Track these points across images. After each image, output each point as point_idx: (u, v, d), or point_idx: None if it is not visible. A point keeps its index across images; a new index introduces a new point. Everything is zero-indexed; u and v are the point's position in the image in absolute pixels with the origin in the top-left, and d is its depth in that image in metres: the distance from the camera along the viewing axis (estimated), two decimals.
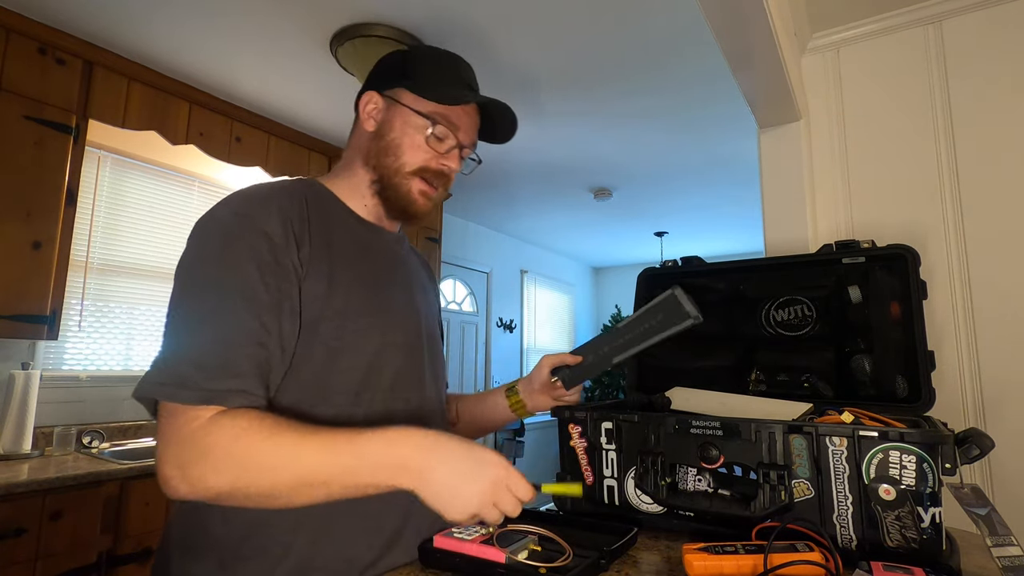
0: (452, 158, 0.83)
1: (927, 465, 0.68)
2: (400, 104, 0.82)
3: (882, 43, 1.57)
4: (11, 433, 1.90)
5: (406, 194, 0.82)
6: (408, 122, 0.81)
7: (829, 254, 1.14)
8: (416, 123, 0.81)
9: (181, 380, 0.61)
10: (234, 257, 0.67)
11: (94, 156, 2.34)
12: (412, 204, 0.83)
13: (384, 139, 0.82)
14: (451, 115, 0.82)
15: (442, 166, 0.82)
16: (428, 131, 0.81)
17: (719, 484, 0.81)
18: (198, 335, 0.64)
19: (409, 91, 0.82)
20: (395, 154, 0.81)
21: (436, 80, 0.82)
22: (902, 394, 1.00)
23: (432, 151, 0.82)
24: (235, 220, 0.69)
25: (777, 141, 1.62)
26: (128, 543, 1.79)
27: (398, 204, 0.83)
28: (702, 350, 1.24)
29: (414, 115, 0.81)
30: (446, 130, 0.82)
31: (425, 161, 0.81)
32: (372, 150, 0.83)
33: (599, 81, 2.37)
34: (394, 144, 0.81)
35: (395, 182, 0.82)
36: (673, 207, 4.21)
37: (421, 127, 0.81)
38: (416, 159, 0.81)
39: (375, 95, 0.84)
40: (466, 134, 0.84)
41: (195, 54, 2.17)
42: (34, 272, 1.89)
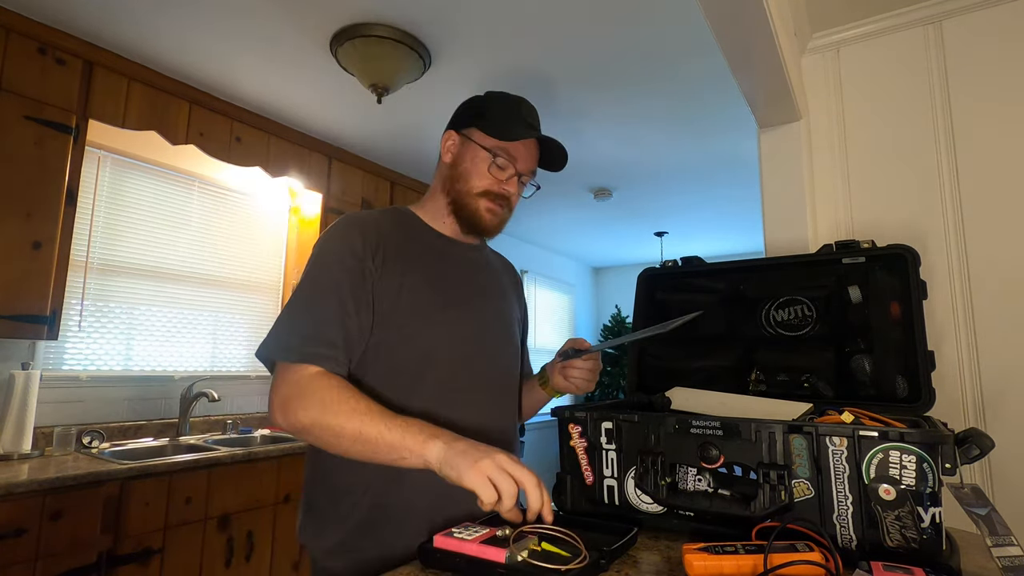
0: (511, 184, 1.02)
1: (927, 465, 0.68)
2: (471, 141, 1.02)
3: (882, 43, 1.57)
4: (11, 433, 1.90)
5: (475, 211, 1.02)
6: (476, 155, 1.01)
7: (829, 254, 1.14)
8: (482, 155, 1.01)
9: (290, 345, 0.87)
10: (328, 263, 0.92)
11: (94, 156, 2.34)
12: (480, 219, 1.02)
13: (457, 169, 1.02)
14: (511, 149, 1.00)
15: (503, 190, 1.01)
16: (490, 162, 1.00)
17: (719, 484, 0.81)
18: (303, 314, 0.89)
19: (479, 130, 1.02)
20: (465, 180, 1.01)
21: (501, 120, 1.01)
22: (902, 394, 1.00)
23: (494, 178, 1.01)
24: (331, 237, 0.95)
25: (777, 141, 1.62)
26: (128, 543, 1.79)
27: (469, 220, 1.02)
28: (702, 350, 1.24)
29: (481, 149, 1.01)
30: (506, 161, 1.00)
31: (489, 186, 1.01)
32: (449, 178, 1.03)
33: (599, 81, 2.37)
34: (465, 173, 1.01)
35: (465, 202, 1.01)
36: (673, 207, 4.21)
37: (485, 159, 1.00)
38: (481, 184, 1.01)
39: (453, 134, 1.04)
40: (524, 164, 1.02)
41: (195, 54, 2.17)
42: (34, 272, 1.89)
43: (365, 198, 3.21)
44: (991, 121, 1.41)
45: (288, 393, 0.83)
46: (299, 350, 0.85)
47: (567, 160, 1.07)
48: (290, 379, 0.84)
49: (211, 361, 2.77)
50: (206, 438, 2.48)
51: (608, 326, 5.99)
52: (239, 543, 2.08)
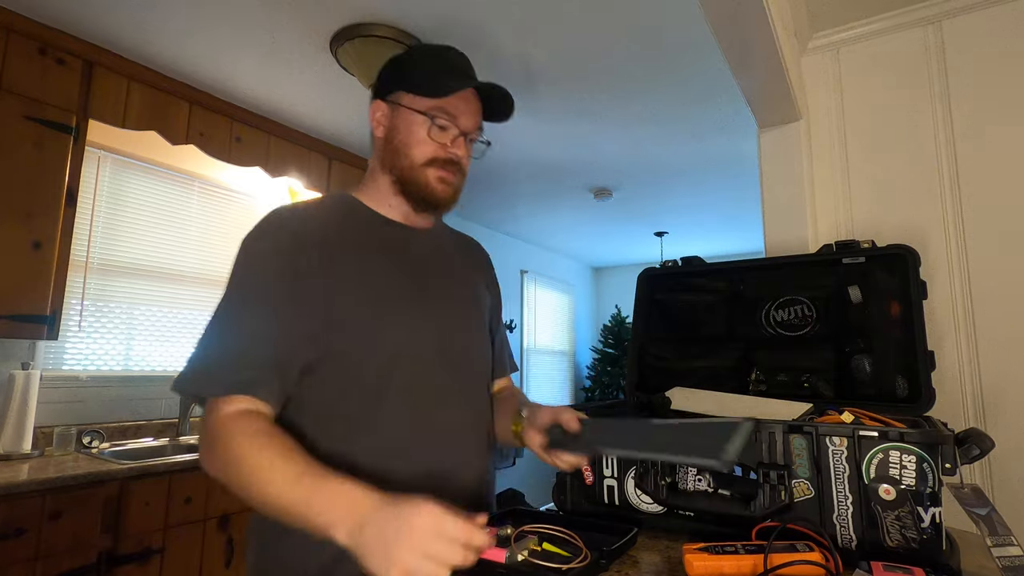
0: (458, 145, 0.89)
1: (927, 465, 0.67)
2: (401, 107, 0.88)
3: (882, 43, 1.57)
4: (11, 433, 1.90)
5: (424, 184, 0.88)
6: (411, 122, 0.87)
7: (829, 254, 1.14)
8: (417, 121, 0.87)
9: (207, 375, 0.73)
10: (252, 269, 0.78)
11: (94, 156, 2.34)
12: (432, 192, 0.88)
13: (393, 142, 0.89)
14: (447, 106, 0.87)
15: (450, 154, 0.88)
16: (428, 126, 0.86)
17: (719, 484, 0.81)
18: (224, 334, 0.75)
19: (407, 92, 0.88)
20: (405, 152, 0.87)
21: (429, 77, 0.87)
22: (902, 394, 1.00)
23: (437, 143, 0.87)
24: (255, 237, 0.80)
25: (777, 141, 1.62)
26: (128, 543, 1.79)
27: (420, 196, 0.88)
28: (702, 350, 1.24)
29: (414, 114, 0.87)
30: (446, 121, 0.87)
31: (433, 152, 0.87)
32: (386, 154, 0.90)
33: (599, 81, 2.37)
34: (403, 145, 0.88)
35: (411, 176, 0.88)
36: (673, 207, 4.21)
37: (422, 124, 0.87)
38: (424, 153, 0.87)
39: (380, 104, 0.91)
40: (467, 120, 0.89)
41: (195, 54, 2.17)
42: (34, 272, 1.89)
43: None
44: (991, 121, 1.41)
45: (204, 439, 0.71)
46: (221, 380, 0.72)
47: (513, 108, 0.92)
48: (207, 419, 0.71)
49: None
50: None
51: (608, 326, 5.98)
52: (239, 543, 2.08)
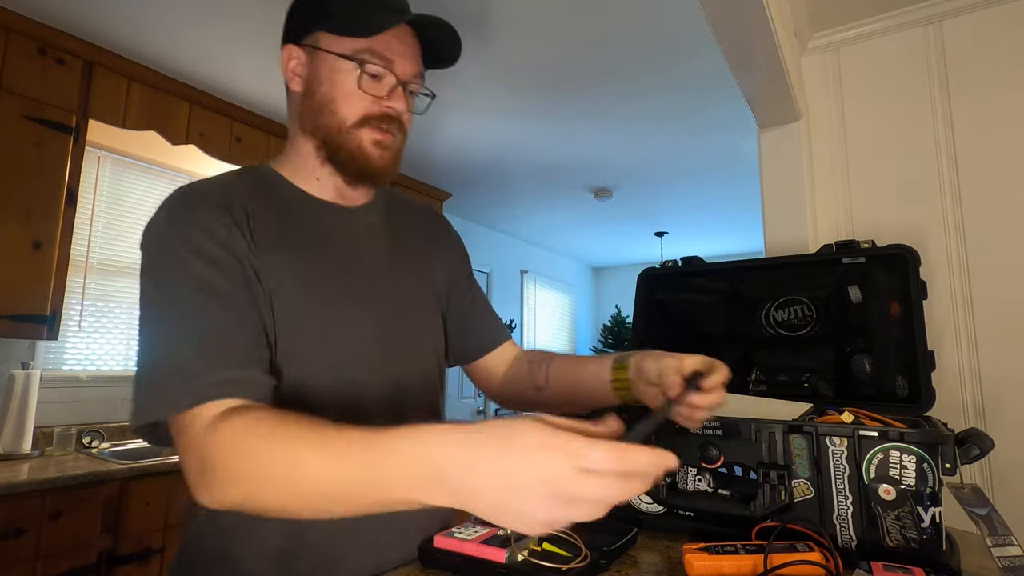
0: (396, 98, 0.71)
1: (927, 465, 0.67)
2: (321, 51, 0.70)
3: (882, 43, 1.57)
4: (11, 433, 1.90)
5: (357, 149, 0.70)
6: (335, 69, 0.69)
7: (829, 254, 1.14)
8: (343, 68, 0.69)
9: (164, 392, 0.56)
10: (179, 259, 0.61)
11: (94, 156, 2.34)
12: (368, 160, 0.71)
13: (314, 97, 0.71)
14: (380, 48, 0.69)
15: (387, 109, 0.71)
16: (357, 74, 0.69)
17: (719, 484, 0.81)
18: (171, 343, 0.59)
19: (327, 32, 0.70)
20: (331, 109, 0.70)
21: (355, 11, 0.69)
22: (902, 394, 1.00)
23: (370, 95, 0.70)
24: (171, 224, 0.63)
25: (777, 141, 1.62)
26: (128, 543, 1.79)
27: (352, 165, 0.72)
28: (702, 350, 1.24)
29: (338, 60, 0.69)
30: (379, 68, 0.69)
31: (366, 109, 0.70)
32: (306, 112, 0.72)
33: (599, 81, 2.37)
34: (327, 99, 0.70)
35: (340, 141, 0.70)
36: (673, 207, 4.21)
37: (350, 71, 0.69)
38: (355, 109, 0.70)
39: (293, 48, 0.72)
40: (404, 65, 0.71)
41: (195, 54, 2.17)
42: (34, 272, 1.89)
43: None
44: (991, 121, 1.41)
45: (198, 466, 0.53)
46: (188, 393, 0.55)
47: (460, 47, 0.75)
48: (189, 443, 0.54)
49: None
50: None
51: (608, 326, 5.99)
52: None
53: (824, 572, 0.62)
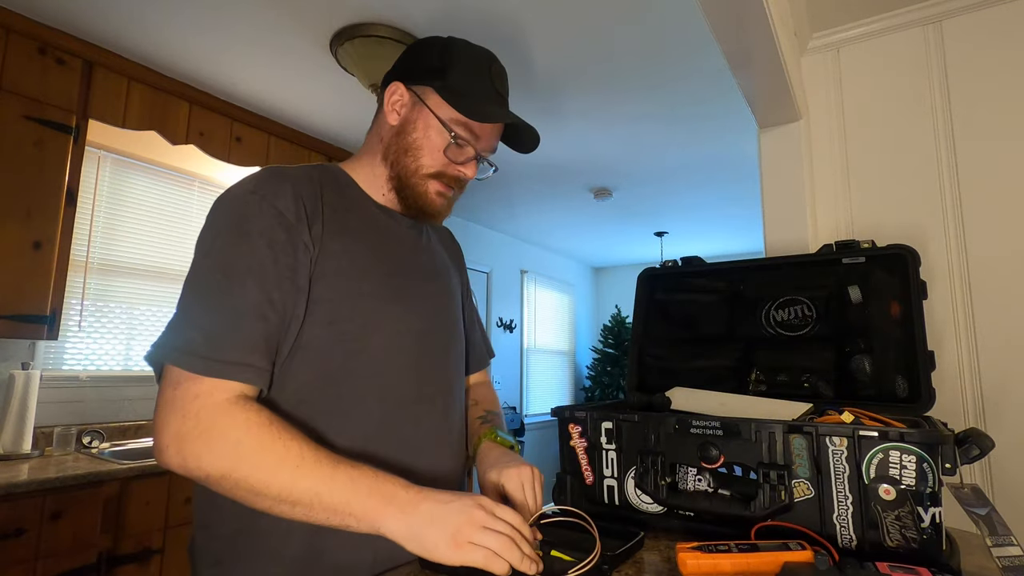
0: (470, 167, 0.83)
1: (927, 465, 0.67)
2: (425, 106, 0.80)
3: (882, 43, 1.57)
4: (11, 433, 1.90)
5: (423, 195, 0.81)
6: (431, 126, 0.80)
7: (829, 254, 1.14)
8: (438, 130, 0.79)
9: (190, 347, 0.62)
10: (246, 233, 0.67)
11: (94, 156, 2.34)
12: (429, 204, 0.82)
13: (406, 138, 0.81)
14: (474, 126, 0.80)
15: (459, 173, 0.82)
16: (448, 142, 0.80)
17: (719, 484, 0.81)
18: (209, 307, 0.65)
19: (437, 93, 0.79)
20: (414, 155, 0.80)
21: (467, 88, 0.79)
22: (902, 394, 1.00)
23: (450, 160, 0.81)
24: (250, 198, 0.69)
25: (777, 141, 1.61)
26: (128, 543, 1.79)
27: (415, 203, 0.82)
28: (702, 350, 1.24)
29: (437, 122, 0.79)
30: (467, 140, 0.81)
31: (443, 167, 0.81)
32: (392, 146, 0.82)
33: (599, 81, 2.37)
34: (414, 146, 0.80)
35: (412, 182, 0.81)
36: (673, 207, 4.21)
37: (443, 136, 0.79)
38: (435, 164, 0.80)
39: (402, 88, 0.81)
40: (487, 143, 0.83)
41: (195, 54, 2.17)
42: (34, 272, 1.89)
43: None
44: (991, 121, 1.41)
45: (185, 429, 0.60)
46: (207, 358, 0.61)
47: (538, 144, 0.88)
48: (189, 406, 0.60)
49: None
50: None
51: (608, 326, 5.99)
52: None
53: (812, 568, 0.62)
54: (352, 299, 0.72)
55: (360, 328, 0.72)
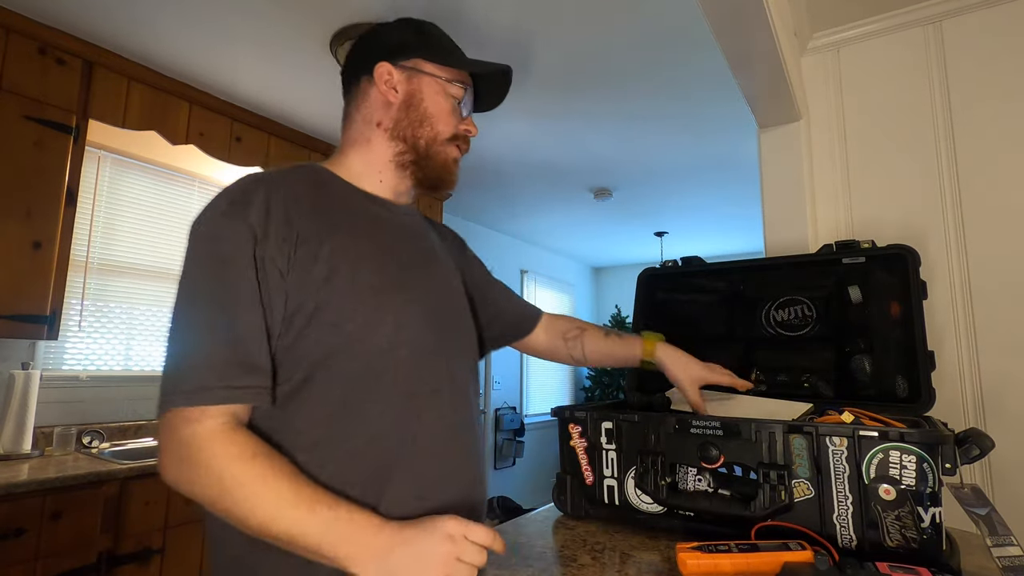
0: (471, 122, 0.87)
1: (927, 465, 0.67)
2: (423, 73, 0.82)
3: (882, 43, 1.57)
4: (11, 433, 1.90)
5: (443, 163, 0.83)
6: (437, 92, 0.82)
7: (829, 254, 1.14)
8: (447, 91, 0.83)
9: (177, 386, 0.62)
10: (220, 259, 0.66)
11: (94, 156, 2.34)
12: (449, 172, 0.84)
13: (416, 109, 0.81)
14: (467, 81, 0.86)
15: (466, 130, 0.85)
16: (455, 101, 0.83)
17: (719, 484, 0.81)
18: (191, 336, 0.65)
19: (429, 61, 0.83)
20: (431, 124, 0.82)
21: (448, 48, 0.84)
22: (902, 394, 1.00)
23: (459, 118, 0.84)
24: (221, 220, 0.68)
25: (777, 141, 1.62)
26: (128, 543, 1.79)
27: (434, 173, 0.83)
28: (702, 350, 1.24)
29: (440, 83, 0.83)
30: (469, 98, 0.86)
31: (455, 128, 0.84)
32: (402, 121, 0.81)
33: (599, 81, 2.37)
34: (428, 113, 0.82)
35: (434, 151, 0.82)
36: (673, 207, 4.21)
37: (450, 96, 0.83)
38: (450, 127, 0.83)
39: (388, 67, 0.82)
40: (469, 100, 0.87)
41: (195, 54, 2.17)
42: (34, 272, 1.89)
43: None
44: (991, 121, 1.41)
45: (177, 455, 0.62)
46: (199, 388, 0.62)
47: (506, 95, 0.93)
48: (180, 433, 0.61)
49: None
50: None
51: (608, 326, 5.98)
52: None
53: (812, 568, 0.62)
54: (351, 297, 0.70)
55: (362, 326, 0.70)
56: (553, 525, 0.93)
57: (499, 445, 4.78)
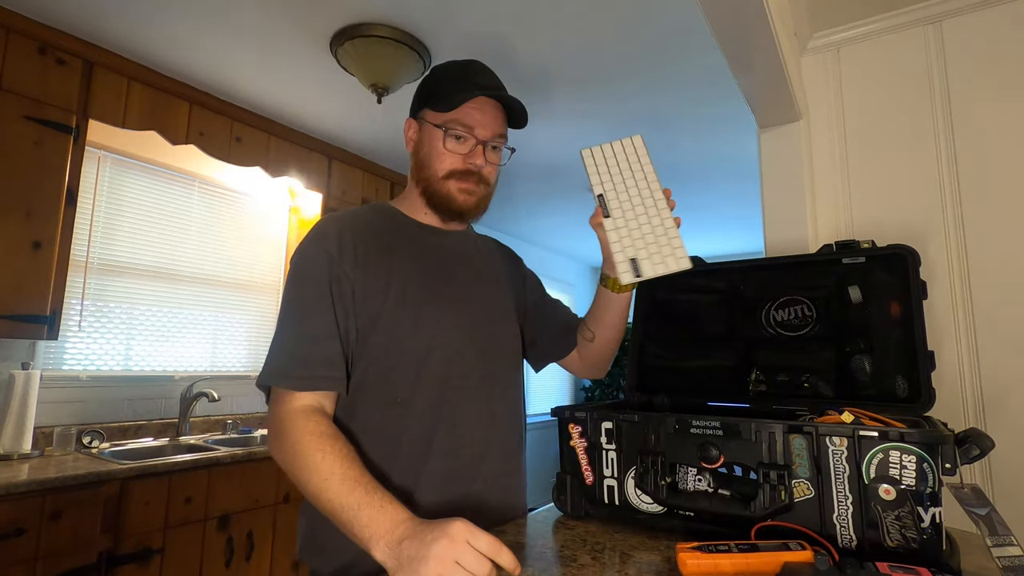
0: (475, 155, 0.93)
1: (927, 465, 0.67)
2: (425, 123, 0.96)
3: (882, 43, 1.57)
4: (11, 433, 1.90)
5: (446, 195, 0.94)
6: (431, 137, 0.94)
7: (829, 254, 1.14)
8: (436, 135, 0.93)
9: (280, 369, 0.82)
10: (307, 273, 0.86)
11: (94, 156, 2.34)
12: (454, 202, 0.95)
13: (419, 155, 0.97)
14: (463, 118, 0.92)
15: (468, 165, 0.93)
16: (442, 138, 0.93)
17: (719, 484, 0.81)
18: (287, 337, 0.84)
19: (430, 109, 0.95)
20: (428, 166, 0.95)
21: (448, 91, 0.93)
22: (902, 394, 1.00)
23: (456, 154, 0.93)
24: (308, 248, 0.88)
25: (777, 141, 1.61)
26: (128, 543, 1.79)
27: (444, 206, 0.95)
28: (702, 350, 1.24)
29: (433, 128, 0.94)
30: (462, 132, 0.92)
31: (451, 165, 0.93)
32: (414, 168, 0.98)
33: (599, 81, 2.37)
34: (426, 158, 0.95)
35: (434, 188, 0.95)
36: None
37: (439, 137, 0.93)
38: (443, 165, 0.93)
39: (411, 122, 0.99)
40: (484, 129, 0.93)
41: (195, 54, 2.17)
42: (34, 272, 1.89)
43: (365, 198, 3.21)
44: (991, 121, 1.41)
45: (273, 427, 0.81)
46: (290, 375, 0.81)
47: (525, 112, 0.97)
48: (277, 410, 0.81)
49: (211, 361, 2.77)
50: (206, 438, 2.48)
51: None
52: (239, 543, 2.08)
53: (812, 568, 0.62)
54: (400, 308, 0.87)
55: (408, 331, 0.87)
56: (553, 525, 0.93)
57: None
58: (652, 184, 0.92)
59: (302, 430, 0.76)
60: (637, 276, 0.84)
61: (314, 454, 0.74)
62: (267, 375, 0.83)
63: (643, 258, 0.85)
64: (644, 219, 0.89)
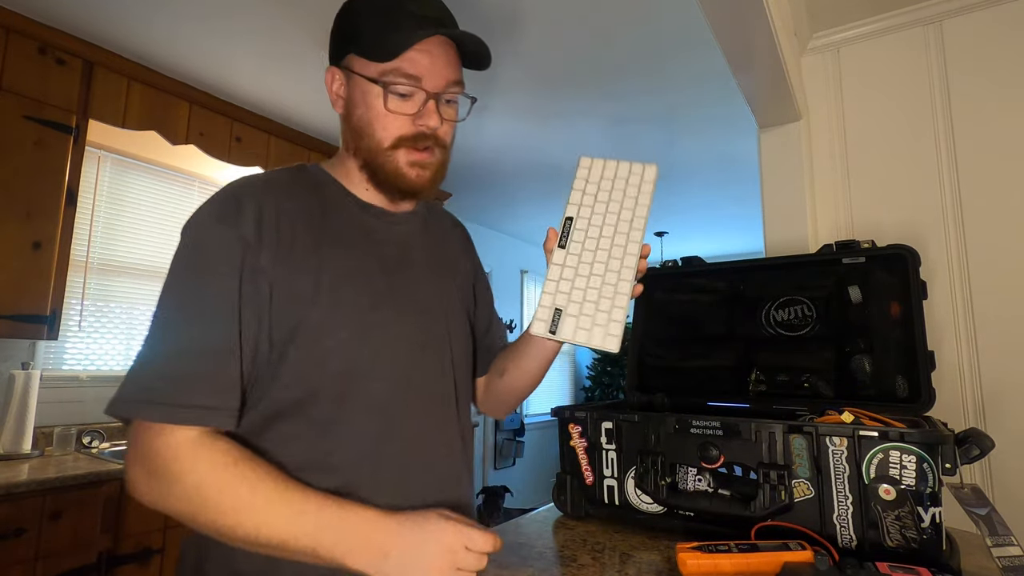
0: (428, 114, 0.70)
1: (927, 465, 0.67)
2: (354, 74, 0.71)
3: (882, 43, 1.57)
4: (11, 433, 1.90)
5: (394, 171, 0.71)
6: (366, 92, 0.70)
7: (829, 254, 1.14)
8: (372, 91, 0.69)
9: (150, 395, 0.59)
10: (207, 263, 0.63)
11: (94, 156, 2.34)
12: (404, 180, 0.72)
13: (352, 120, 0.72)
14: (405, 67, 0.68)
15: (420, 128, 0.70)
16: (383, 97, 0.69)
17: (719, 484, 0.81)
18: (170, 348, 0.61)
19: (357, 55, 0.70)
20: (367, 133, 0.71)
21: (379, 31, 0.68)
22: (902, 394, 1.00)
23: (402, 115, 0.70)
24: (212, 226, 0.65)
25: (777, 141, 1.61)
26: (128, 543, 1.79)
27: (391, 184, 0.73)
28: (702, 350, 1.24)
29: (366, 83, 0.69)
30: (406, 86, 0.69)
31: (400, 130, 0.70)
32: (348, 135, 0.74)
33: (599, 81, 2.37)
34: (363, 122, 0.71)
35: (379, 162, 0.71)
36: (673, 207, 4.21)
37: (378, 94, 0.69)
38: (389, 132, 0.70)
39: (333, 71, 0.74)
40: (435, 79, 0.70)
41: (195, 54, 2.17)
42: (34, 272, 1.89)
43: None
44: (991, 121, 1.41)
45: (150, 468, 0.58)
46: (160, 403, 0.58)
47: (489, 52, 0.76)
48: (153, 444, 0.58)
49: None
50: None
51: None
52: None
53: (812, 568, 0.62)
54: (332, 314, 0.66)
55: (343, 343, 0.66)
56: (553, 525, 0.93)
57: (499, 445, 4.78)
58: (633, 235, 0.74)
59: (208, 466, 0.57)
60: (551, 332, 0.68)
61: (237, 489, 0.56)
62: (126, 402, 0.59)
63: (570, 314, 0.68)
64: (599, 271, 0.71)
